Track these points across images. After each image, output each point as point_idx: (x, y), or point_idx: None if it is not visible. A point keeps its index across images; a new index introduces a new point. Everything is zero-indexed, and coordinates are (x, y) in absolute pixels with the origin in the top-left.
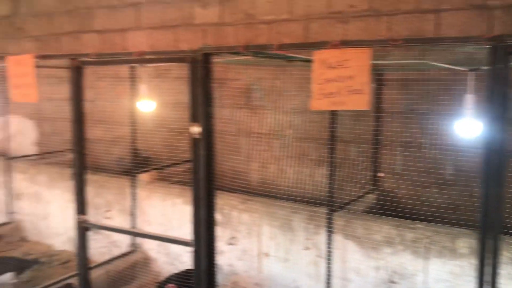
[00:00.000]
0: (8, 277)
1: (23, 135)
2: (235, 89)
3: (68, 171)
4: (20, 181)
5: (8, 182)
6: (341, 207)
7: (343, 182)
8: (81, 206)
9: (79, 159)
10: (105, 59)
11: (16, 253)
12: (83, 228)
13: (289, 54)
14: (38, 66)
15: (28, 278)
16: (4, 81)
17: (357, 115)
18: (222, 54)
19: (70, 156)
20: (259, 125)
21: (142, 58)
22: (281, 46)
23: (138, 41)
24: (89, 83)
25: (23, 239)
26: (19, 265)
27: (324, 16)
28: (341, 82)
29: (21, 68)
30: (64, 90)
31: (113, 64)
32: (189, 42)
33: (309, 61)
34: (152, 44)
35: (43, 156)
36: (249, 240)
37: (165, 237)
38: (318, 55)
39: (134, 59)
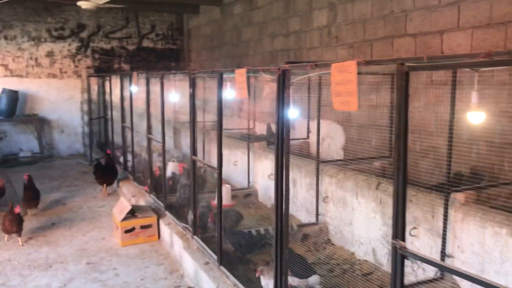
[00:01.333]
0: (315, 279)
1: (332, 139)
2: None
3: (374, 180)
4: (327, 184)
5: (317, 184)
6: None
7: None
8: (400, 230)
9: (402, 176)
10: (439, 64)
11: (321, 255)
12: (400, 256)
13: None
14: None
15: (332, 284)
16: (315, 87)
17: None
18: None
19: (376, 164)
20: None
21: (489, 61)
22: None
23: (456, 43)
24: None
25: (327, 242)
26: (308, 269)
27: None
28: None
29: (343, 75)
30: (373, 97)
31: (449, 68)
32: None
33: None
34: (473, 46)
35: (348, 162)
36: None
37: (488, 283)
38: None
39: (479, 61)
